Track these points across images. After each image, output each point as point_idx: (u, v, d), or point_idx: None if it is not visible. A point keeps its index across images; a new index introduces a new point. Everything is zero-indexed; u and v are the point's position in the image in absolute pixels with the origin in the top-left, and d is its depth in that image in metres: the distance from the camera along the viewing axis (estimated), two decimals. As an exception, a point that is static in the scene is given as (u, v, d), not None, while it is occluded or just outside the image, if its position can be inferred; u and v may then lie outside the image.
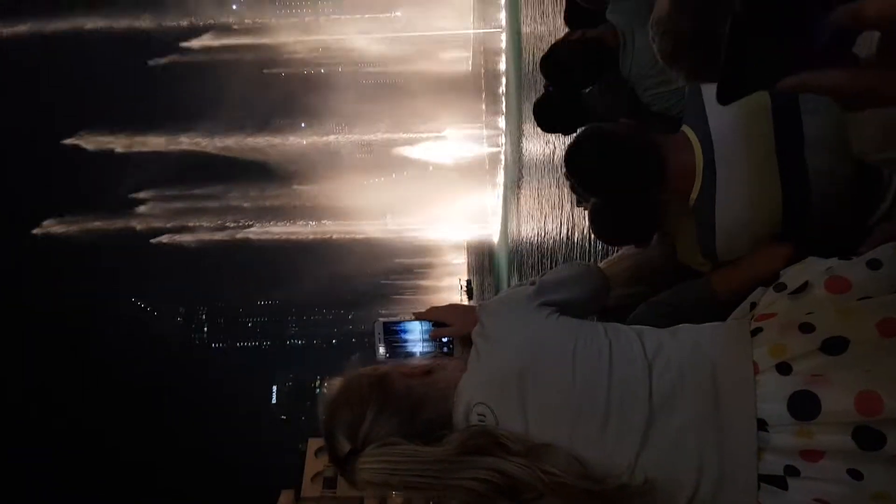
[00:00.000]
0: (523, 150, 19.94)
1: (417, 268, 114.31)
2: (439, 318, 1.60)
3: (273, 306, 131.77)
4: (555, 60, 3.00)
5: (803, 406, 1.12)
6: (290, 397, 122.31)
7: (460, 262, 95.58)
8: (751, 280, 1.42)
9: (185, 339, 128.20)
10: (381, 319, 1.65)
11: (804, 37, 0.83)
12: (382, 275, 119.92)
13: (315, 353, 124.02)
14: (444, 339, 1.60)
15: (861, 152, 1.48)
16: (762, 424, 1.15)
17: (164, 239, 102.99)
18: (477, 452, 1.21)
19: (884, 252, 1.22)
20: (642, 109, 2.78)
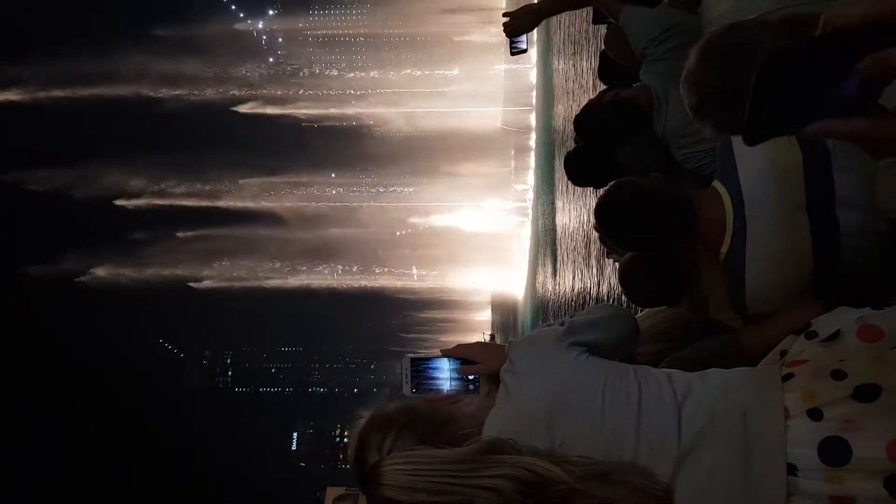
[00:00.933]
0: (555, 219, 20.73)
1: (441, 321, 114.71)
2: (467, 356, 1.59)
3: (297, 353, 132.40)
4: (588, 119, 3.08)
5: (834, 452, 1.09)
6: (310, 445, 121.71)
7: (485, 318, 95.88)
8: (780, 337, 1.39)
9: (210, 382, 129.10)
10: (409, 355, 1.64)
11: (830, 86, 0.83)
12: (407, 327, 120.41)
13: (337, 401, 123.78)
14: (471, 377, 1.59)
15: (887, 210, 1.49)
16: (792, 469, 1.13)
17: (204, 284, 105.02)
18: (500, 452, 1.20)
19: None
20: (676, 168, 2.84)
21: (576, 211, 14.79)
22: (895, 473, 1.06)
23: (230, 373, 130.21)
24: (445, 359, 1.62)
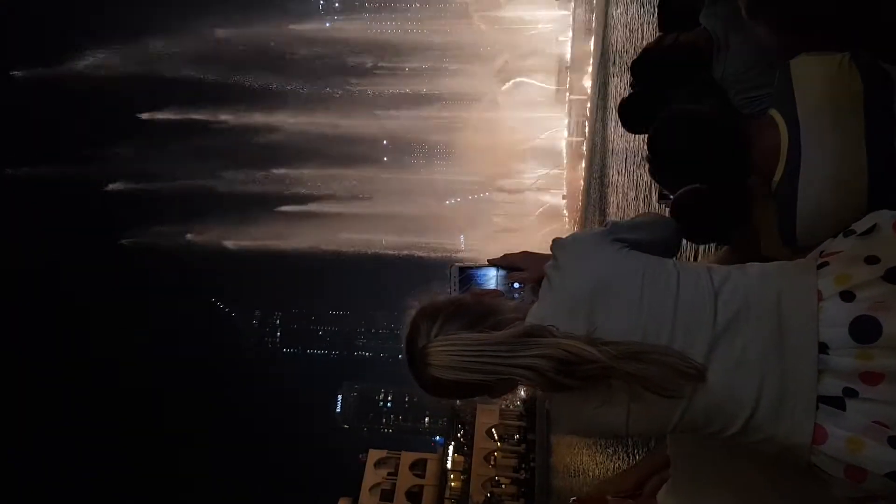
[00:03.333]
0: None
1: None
2: (514, 264, 1.62)
3: (344, 317, 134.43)
4: (647, 61, 2.97)
5: (865, 330, 1.14)
6: (354, 407, 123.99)
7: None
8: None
9: (260, 342, 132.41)
10: (457, 265, 1.68)
11: None
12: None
13: (381, 366, 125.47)
14: (517, 285, 1.62)
15: None
16: (823, 348, 1.18)
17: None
18: (538, 335, 1.27)
19: None
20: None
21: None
22: None
23: (279, 333, 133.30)
24: (492, 268, 1.66)
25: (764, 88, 2.47)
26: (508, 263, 1.64)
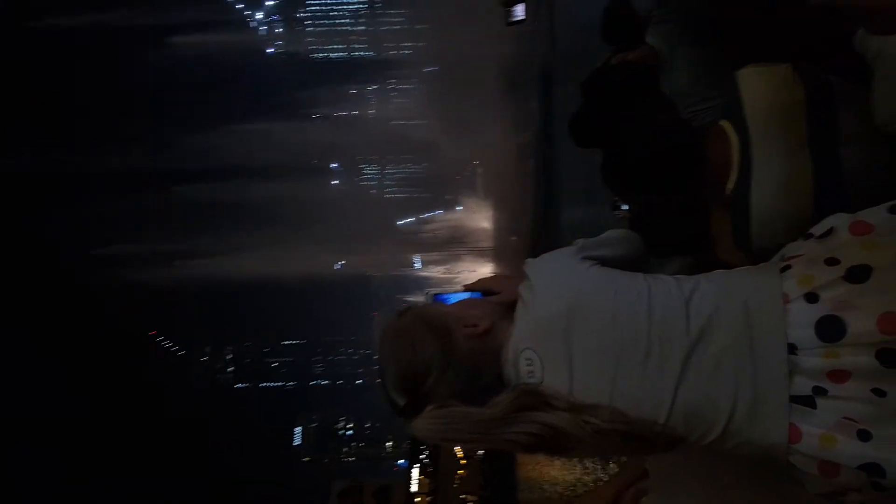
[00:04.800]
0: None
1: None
2: (488, 287, 1.62)
3: (299, 347, 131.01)
4: (596, 80, 2.80)
5: (830, 329, 1.17)
6: (314, 439, 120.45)
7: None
8: None
9: (211, 380, 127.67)
10: (432, 291, 1.69)
11: None
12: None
13: (340, 393, 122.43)
14: None
15: (885, 123, 1.53)
16: (792, 349, 1.21)
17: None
18: (525, 409, 1.28)
19: None
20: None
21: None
22: (886, 346, 1.13)
23: (231, 369, 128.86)
24: (467, 293, 1.66)
25: (709, 102, 2.59)
26: (482, 287, 1.64)
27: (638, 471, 1.60)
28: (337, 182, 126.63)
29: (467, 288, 1.65)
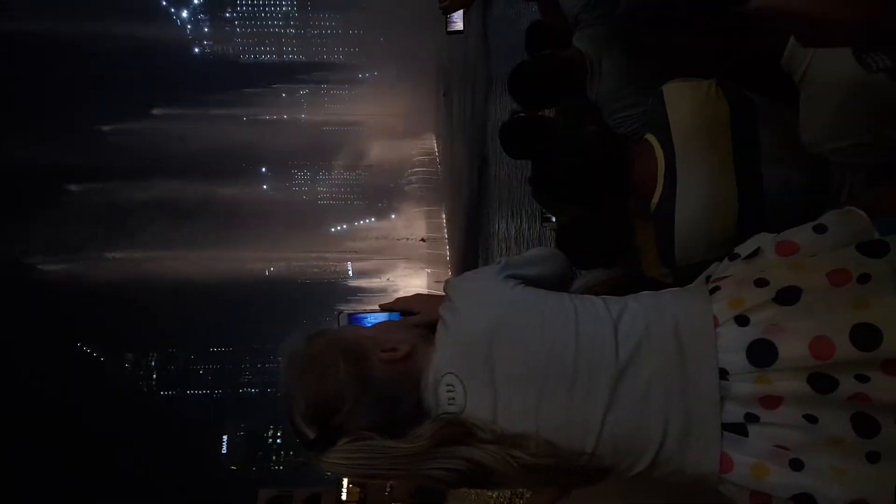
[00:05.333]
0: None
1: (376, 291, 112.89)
2: (406, 307, 1.55)
3: (226, 353, 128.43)
4: (525, 73, 2.95)
5: (761, 353, 1.16)
6: (241, 447, 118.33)
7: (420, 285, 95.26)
8: None
9: (133, 387, 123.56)
10: (346, 312, 1.59)
11: None
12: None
13: (269, 401, 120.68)
14: None
15: (811, 143, 1.52)
16: (723, 374, 1.19)
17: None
18: (448, 443, 1.23)
19: (828, 217, 1.26)
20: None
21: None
22: (817, 370, 1.12)
23: (155, 376, 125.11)
24: (384, 313, 1.58)
25: (635, 108, 2.60)
26: (401, 307, 1.55)
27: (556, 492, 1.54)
28: (266, 187, 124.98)
29: (385, 308, 1.57)
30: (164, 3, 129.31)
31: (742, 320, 1.20)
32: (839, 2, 0.87)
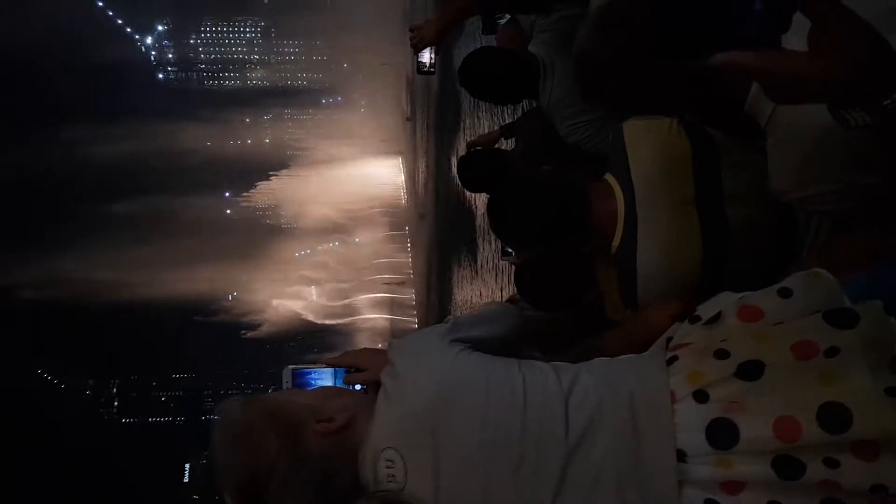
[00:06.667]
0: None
1: (341, 333, 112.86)
2: (353, 363, 1.51)
3: (189, 380, 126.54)
4: (478, 62, 2.89)
5: (722, 434, 1.08)
6: (204, 476, 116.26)
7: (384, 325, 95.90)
8: (638, 340, 1.37)
9: (94, 415, 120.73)
10: (290, 367, 1.56)
11: (734, 10, 0.82)
12: (307, 348, 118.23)
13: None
14: (359, 387, 1.52)
15: (779, 192, 1.45)
16: (681, 456, 1.11)
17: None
18: None
19: (793, 280, 1.19)
20: (559, 143, 2.79)
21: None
22: (782, 453, 1.04)
23: (116, 403, 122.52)
24: (330, 369, 1.53)
25: (588, 114, 2.58)
26: (348, 363, 1.52)
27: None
28: (230, 212, 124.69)
29: (330, 363, 1.52)
30: (129, 29, 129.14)
31: (701, 396, 1.12)
32: (812, 58, 0.82)
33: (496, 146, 4.12)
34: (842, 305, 1.11)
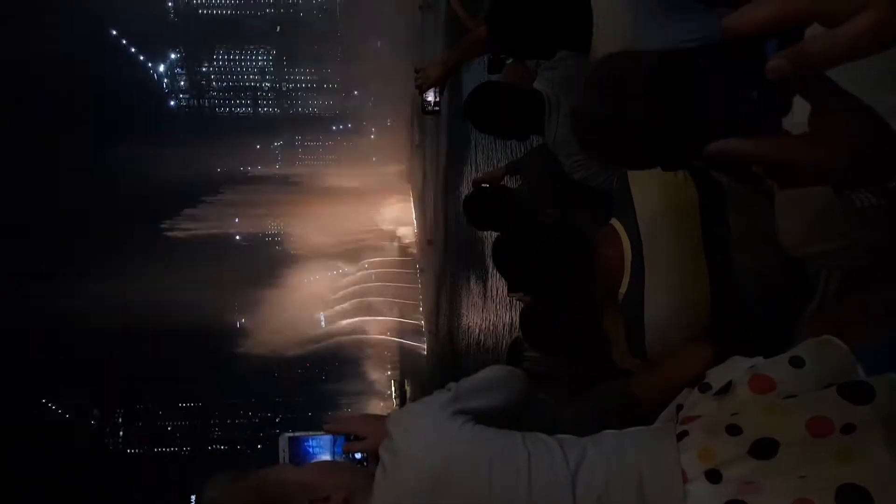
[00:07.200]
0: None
1: (350, 362, 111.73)
2: (352, 431, 1.46)
3: (195, 409, 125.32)
4: (484, 98, 2.93)
5: None
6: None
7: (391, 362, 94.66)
8: (672, 383, 1.33)
9: (98, 445, 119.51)
10: (287, 435, 1.51)
11: (733, 96, 0.78)
12: (315, 377, 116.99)
13: (238, 458, 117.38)
14: (357, 457, 1.47)
15: (788, 247, 1.45)
16: None
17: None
18: None
19: (805, 348, 1.15)
20: (564, 180, 2.80)
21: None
22: None
23: (121, 433, 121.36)
24: (328, 436, 1.50)
25: None
26: (347, 431, 1.46)
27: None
28: (239, 237, 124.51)
29: (328, 430, 1.48)
30: (142, 57, 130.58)
31: (714, 476, 1.08)
32: (813, 144, 0.81)
33: (502, 183, 4.00)
34: (856, 377, 1.07)
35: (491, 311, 12.38)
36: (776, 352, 1.21)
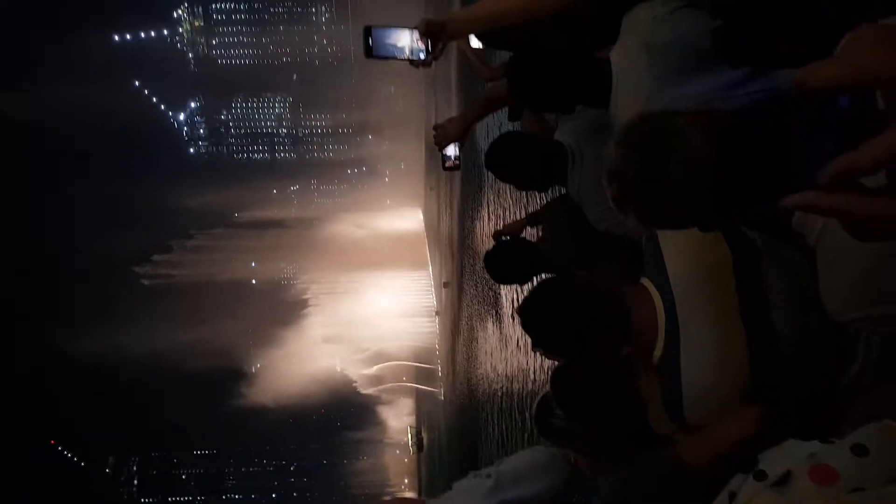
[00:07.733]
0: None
1: (365, 408, 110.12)
2: None
3: (210, 457, 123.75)
4: (505, 149, 2.86)
5: None
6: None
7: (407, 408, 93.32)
8: (721, 449, 1.27)
9: (113, 494, 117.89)
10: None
11: (803, 153, 0.76)
12: (330, 425, 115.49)
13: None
14: None
15: (833, 311, 1.40)
16: None
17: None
18: None
19: (867, 434, 1.08)
20: (588, 231, 2.71)
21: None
22: None
23: (136, 481, 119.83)
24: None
25: None
26: None
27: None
28: (255, 282, 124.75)
29: None
30: (163, 107, 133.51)
31: None
32: (893, 198, 0.78)
33: (522, 235, 3.90)
34: None
35: (510, 355, 11.86)
36: (823, 419, 1.14)
